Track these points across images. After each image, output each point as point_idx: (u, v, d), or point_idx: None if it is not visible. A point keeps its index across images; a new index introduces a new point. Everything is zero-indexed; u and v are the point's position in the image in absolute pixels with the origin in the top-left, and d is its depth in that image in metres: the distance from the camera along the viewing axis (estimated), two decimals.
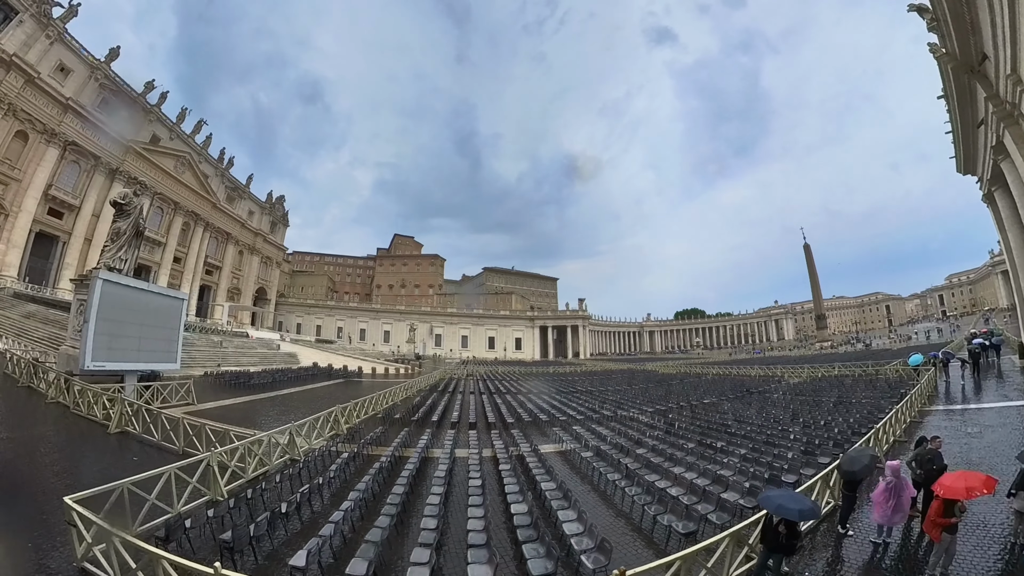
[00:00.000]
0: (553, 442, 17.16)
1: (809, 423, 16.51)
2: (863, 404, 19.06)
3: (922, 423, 15.18)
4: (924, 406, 17.25)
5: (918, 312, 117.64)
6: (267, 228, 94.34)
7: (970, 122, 26.07)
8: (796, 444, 13.45)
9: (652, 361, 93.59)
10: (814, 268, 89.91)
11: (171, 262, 68.71)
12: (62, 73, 47.05)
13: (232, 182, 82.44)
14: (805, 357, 67.78)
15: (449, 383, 43.09)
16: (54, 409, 16.35)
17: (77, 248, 52.25)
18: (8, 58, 40.34)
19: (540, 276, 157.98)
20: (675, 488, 10.11)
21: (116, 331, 19.17)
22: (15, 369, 20.00)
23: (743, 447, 13.73)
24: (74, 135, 49.26)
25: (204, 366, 36.47)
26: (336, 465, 11.95)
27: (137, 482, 8.09)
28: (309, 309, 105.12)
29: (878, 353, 54.84)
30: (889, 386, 23.56)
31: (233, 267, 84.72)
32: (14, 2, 40.02)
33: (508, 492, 9.96)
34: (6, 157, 43.43)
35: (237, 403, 23.99)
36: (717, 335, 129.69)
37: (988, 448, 11.63)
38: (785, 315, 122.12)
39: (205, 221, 74.92)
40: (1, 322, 32.06)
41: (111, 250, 21.80)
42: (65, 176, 50.59)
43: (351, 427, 18.42)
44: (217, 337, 52.43)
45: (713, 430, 16.80)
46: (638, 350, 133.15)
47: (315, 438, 15.49)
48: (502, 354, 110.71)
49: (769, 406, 21.98)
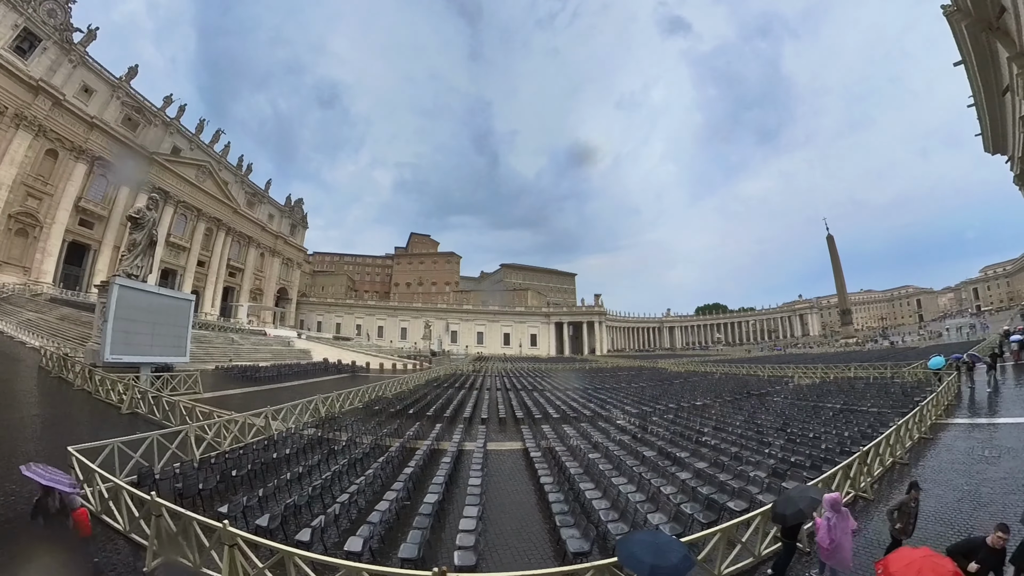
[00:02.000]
0: (513, 440, 17.26)
1: (797, 435, 14.87)
2: (869, 414, 17.07)
3: (934, 440, 13.24)
4: (940, 418, 15.23)
5: (951, 307, 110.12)
6: (287, 231, 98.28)
7: (994, 90, 22.03)
8: (767, 462, 11.94)
9: (666, 358, 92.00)
10: (838, 260, 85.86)
11: (196, 266, 72.86)
12: (86, 93, 50.71)
13: (251, 187, 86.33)
14: (824, 355, 65.01)
15: (446, 378, 44.00)
16: (79, 394, 18.77)
17: (107, 255, 56.32)
18: (35, 83, 43.91)
19: (558, 272, 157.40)
20: (602, 501, 9.46)
21: (132, 329, 21.91)
22: (48, 362, 22.66)
23: (705, 460, 12.61)
24: (100, 150, 53.04)
25: (218, 361, 38.81)
26: (299, 445, 13.93)
27: (126, 442, 10.28)
28: (329, 308, 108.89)
29: (902, 352, 51.72)
30: (904, 392, 21.40)
31: (255, 269, 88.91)
32: (37, 31, 43.47)
33: (433, 483, 10.62)
34: (39, 174, 47.34)
35: (239, 393, 25.75)
36: (739, 331, 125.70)
37: (1003, 481, 9.53)
38: (809, 310, 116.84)
39: (227, 226, 78.91)
40: (38, 323, 35.27)
41: (128, 259, 24.83)
42: (94, 188, 54.60)
43: (333, 415, 20.36)
44: (235, 335, 55.45)
45: (684, 438, 15.96)
46: (657, 346, 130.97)
47: (292, 422, 17.36)
48: (517, 350, 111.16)
49: (762, 411, 20.71)
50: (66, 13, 46.17)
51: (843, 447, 12.58)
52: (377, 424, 18.62)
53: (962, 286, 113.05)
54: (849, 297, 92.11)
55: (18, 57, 42.36)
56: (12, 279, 44.57)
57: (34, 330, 32.25)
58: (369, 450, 13.95)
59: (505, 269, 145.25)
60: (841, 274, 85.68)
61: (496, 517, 9.64)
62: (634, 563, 4.88)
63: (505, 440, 17.69)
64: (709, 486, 10.31)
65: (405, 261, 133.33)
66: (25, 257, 47.17)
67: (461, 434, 16.96)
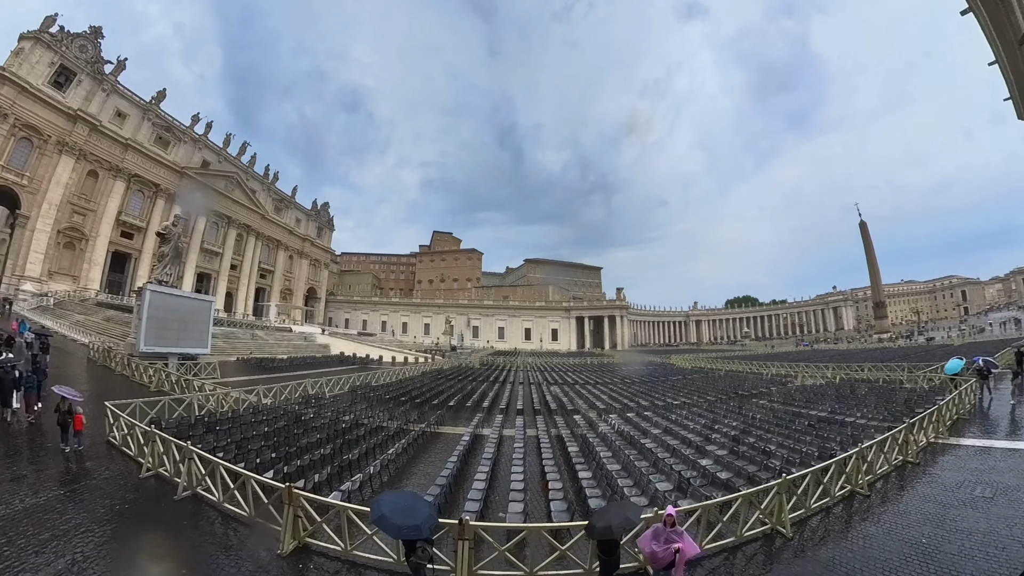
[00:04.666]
0: (464, 426, 18.19)
1: (748, 447, 13.20)
2: (851, 426, 15.00)
3: (922, 466, 11.08)
4: (941, 436, 12.97)
5: (999, 298, 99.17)
6: (314, 233, 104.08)
7: (1011, 41, 19.02)
8: (687, 474, 11.05)
9: (683, 353, 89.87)
10: (871, 248, 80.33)
11: (228, 269, 79.17)
12: (120, 118, 56.55)
13: (278, 194, 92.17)
14: (849, 352, 61.42)
15: (450, 371, 45.27)
16: (119, 378, 23.30)
17: (146, 263, 62.46)
18: (74, 112, 49.65)
19: (584, 266, 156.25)
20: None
21: (161, 325, 26.71)
22: (95, 354, 27.72)
23: (619, 463, 12.30)
24: (135, 168, 58.99)
25: (241, 354, 42.79)
26: (279, 416, 16.99)
27: (145, 402, 14.69)
28: (355, 305, 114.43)
29: (934, 350, 46.81)
30: (908, 401, 18.56)
31: (284, 270, 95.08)
32: (71, 66, 49.09)
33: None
34: (83, 193, 53.53)
35: (251, 379, 28.60)
36: (770, 324, 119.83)
37: (983, 537, 7.22)
38: (843, 302, 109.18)
39: (256, 231, 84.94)
40: (86, 324, 40.40)
41: (159, 268, 31.03)
42: (133, 202, 60.84)
43: (318, 396, 23.57)
44: (260, 332, 60.30)
45: (624, 437, 15.63)
46: (683, 340, 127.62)
47: (280, 400, 21.10)
48: (538, 345, 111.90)
49: (733, 416, 19.20)
50: (96, 47, 51.77)
51: (793, 461, 11.36)
52: (351, 404, 21.43)
53: (1012, 276, 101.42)
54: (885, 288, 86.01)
55: (56, 91, 48.15)
56: (63, 287, 50.84)
57: (83, 329, 37.04)
58: (348, 427, 16.11)
59: (528, 264, 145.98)
60: (875, 263, 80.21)
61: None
62: (384, 524, 5.47)
63: (457, 425, 19.14)
64: (599, 490, 10.12)
65: (428, 259, 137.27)
66: (74, 267, 53.60)
67: (417, 417, 19.06)
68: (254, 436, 13.70)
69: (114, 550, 7.07)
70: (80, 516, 8.11)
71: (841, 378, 31.75)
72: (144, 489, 9.87)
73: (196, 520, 8.58)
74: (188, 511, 8.87)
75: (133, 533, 7.79)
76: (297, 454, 12.19)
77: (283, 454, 11.95)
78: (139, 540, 7.61)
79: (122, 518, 8.32)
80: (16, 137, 45.70)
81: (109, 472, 10.60)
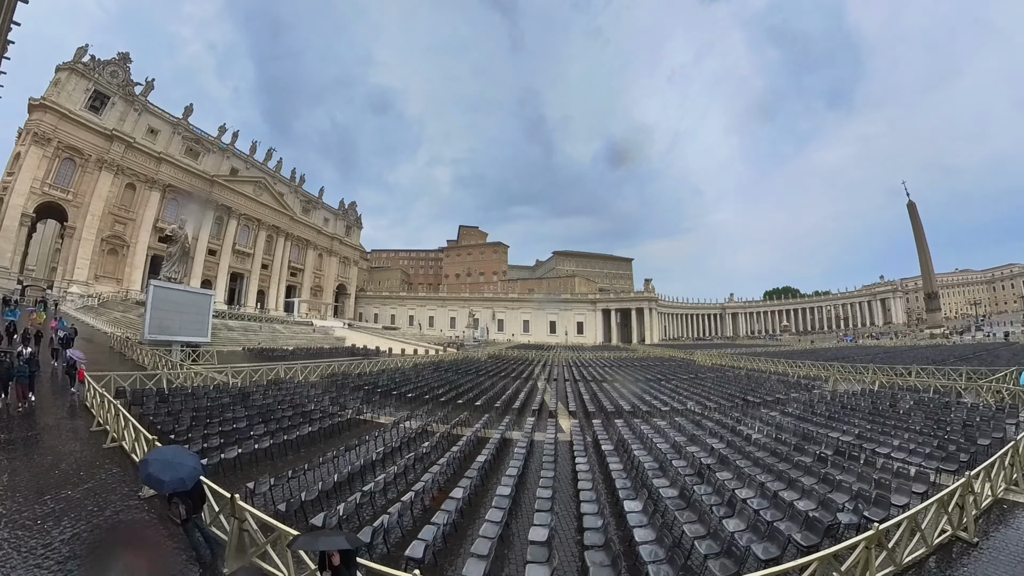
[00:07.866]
0: (420, 419, 18.16)
1: (703, 492, 9.56)
2: (888, 463, 11.03)
3: (982, 547, 6.93)
4: (1013, 489, 8.87)
5: None
6: (342, 232, 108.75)
7: None
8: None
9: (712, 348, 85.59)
10: (922, 233, 72.36)
11: (260, 269, 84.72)
12: (152, 134, 61.84)
13: (305, 196, 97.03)
14: (896, 350, 55.15)
15: (449, 364, 45.57)
16: (128, 361, 26.99)
17: None
18: (109, 132, 54.94)
19: (614, 257, 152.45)
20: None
21: (164, 317, 29.51)
22: (114, 343, 31.67)
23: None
24: (169, 179, 64.40)
25: (252, 344, 45.90)
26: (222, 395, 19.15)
27: (119, 375, 18.05)
28: (384, 300, 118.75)
29: (995, 349, 38.30)
30: (966, 425, 13.86)
31: (314, 268, 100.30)
32: (104, 90, 54.23)
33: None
34: (122, 204, 59.30)
35: (241, 365, 29.86)
36: (811, 318, 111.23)
37: None
38: (892, 293, 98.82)
39: (285, 232, 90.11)
40: (121, 319, 45.08)
41: (167, 266, 34.85)
42: (168, 210, 66.48)
43: (295, 380, 26.27)
44: (279, 325, 64.35)
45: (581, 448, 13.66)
46: (718, 334, 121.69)
47: (251, 383, 23.68)
48: (563, 339, 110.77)
49: (723, 432, 15.27)
50: (126, 71, 56.89)
51: (754, 543, 7.17)
52: (323, 391, 22.86)
53: None
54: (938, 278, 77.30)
55: (93, 114, 53.52)
56: (108, 289, 56.79)
57: (116, 324, 41.21)
58: (282, 409, 17.43)
59: (557, 256, 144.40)
60: (926, 249, 72.25)
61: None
62: (152, 481, 5.90)
63: (380, 416, 19.60)
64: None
65: (454, 253, 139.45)
66: (117, 271, 59.68)
67: (391, 409, 20.28)
68: (183, 410, 15.54)
69: (42, 471, 9.87)
70: (28, 450, 11.20)
71: (881, 384, 26.78)
72: (88, 438, 12.63)
73: (104, 461, 10.91)
74: (110, 457, 11.25)
75: (56, 463, 10.52)
76: (213, 427, 14.09)
77: (202, 426, 14.04)
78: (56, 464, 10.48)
79: (57, 455, 11.04)
80: (60, 158, 51.43)
81: (71, 425, 13.63)
